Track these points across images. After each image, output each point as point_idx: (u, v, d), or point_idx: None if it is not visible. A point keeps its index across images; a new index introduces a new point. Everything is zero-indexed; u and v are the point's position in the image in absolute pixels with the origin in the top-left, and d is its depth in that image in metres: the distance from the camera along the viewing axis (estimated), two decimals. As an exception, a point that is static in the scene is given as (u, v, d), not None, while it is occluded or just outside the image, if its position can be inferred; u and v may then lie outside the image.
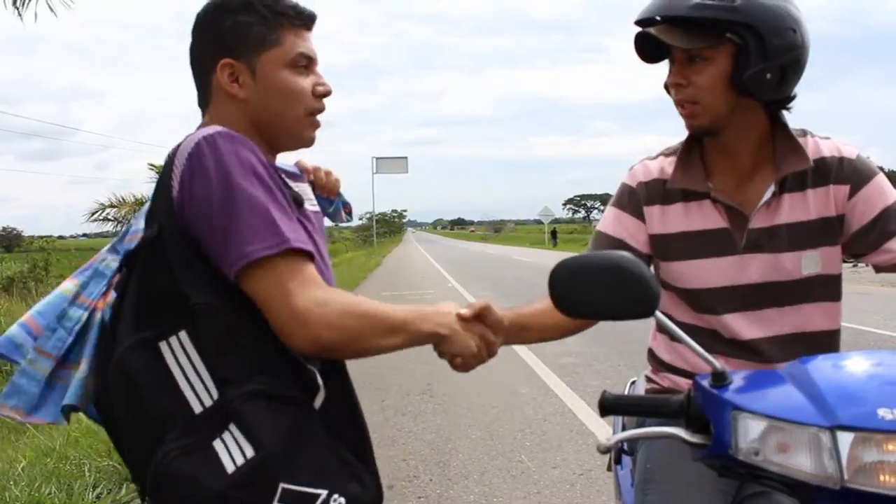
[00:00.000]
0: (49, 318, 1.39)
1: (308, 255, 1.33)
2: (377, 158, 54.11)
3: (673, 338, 1.64)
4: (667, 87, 1.76)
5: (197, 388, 1.26)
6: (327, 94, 1.52)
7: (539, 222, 73.42)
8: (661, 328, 1.86)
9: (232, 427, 1.23)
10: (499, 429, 5.84)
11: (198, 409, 1.24)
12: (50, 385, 1.38)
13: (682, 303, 1.83)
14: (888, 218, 1.71)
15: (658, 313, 1.32)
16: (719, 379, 1.24)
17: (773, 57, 1.59)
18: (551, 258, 1.87)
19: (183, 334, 1.27)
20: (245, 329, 1.29)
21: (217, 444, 1.21)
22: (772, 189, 1.71)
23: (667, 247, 1.81)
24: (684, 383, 1.73)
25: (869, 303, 13.14)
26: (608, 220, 1.90)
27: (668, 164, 1.83)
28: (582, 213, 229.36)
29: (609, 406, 1.39)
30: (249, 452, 1.20)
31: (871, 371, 1.23)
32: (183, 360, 1.27)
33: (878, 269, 1.78)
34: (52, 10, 9.74)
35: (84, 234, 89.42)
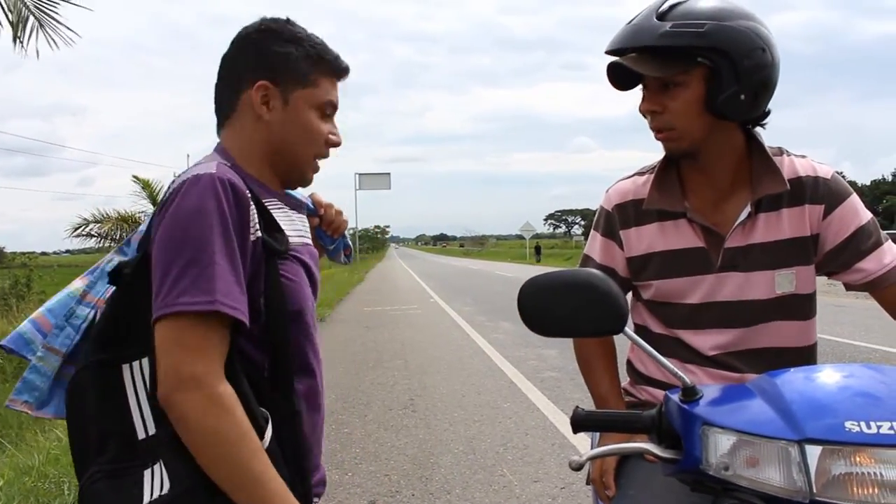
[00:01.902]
0: (58, 315, 1.41)
1: (230, 319, 1.26)
2: (360, 175, 54.02)
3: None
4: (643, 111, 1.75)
5: (146, 414, 1.25)
6: (337, 144, 1.58)
7: (521, 237, 73.37)
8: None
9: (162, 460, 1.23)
10: (481, 443, 5.84)
11: (141, 434, 1.24)
12: (58, 381, 1.40)
13: (657, 317, 1.85)
14: (861, 238, 1.72)
15: (628, 330, 1.32)
16: (689, 394, 1.25)
17: (745, 78, 1.59)
18: (534, 273, 1.86)
19: (145, 361, 1.27)
20: None
21: (147, 473, 1.21)
22: (748, 210, 1.72)
23: (643, 266, 1.82)
24: (663, 396, 1.73)
25: (845, 315, 13.31)
26: (595, 246, 1.92)
27: (643, 184, 1.84)
28: (563, 228, 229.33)
29: (581, 422, 1.38)
30: (167, 488, 1.19)
31: (840, 384, 1.23)
32: (140, 386, 1.27)
33: (849, 287, 1.80)
34: (51, 45, 9.76)
35: (67, 251, 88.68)
